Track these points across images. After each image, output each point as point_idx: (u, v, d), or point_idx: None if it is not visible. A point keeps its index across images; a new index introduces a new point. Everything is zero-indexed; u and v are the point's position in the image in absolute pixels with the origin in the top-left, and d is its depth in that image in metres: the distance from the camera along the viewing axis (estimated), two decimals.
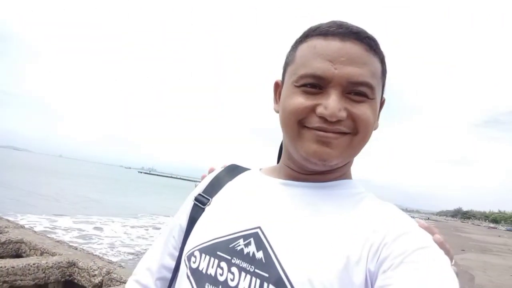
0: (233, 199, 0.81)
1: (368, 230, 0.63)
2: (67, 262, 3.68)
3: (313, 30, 0.71)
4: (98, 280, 3.55)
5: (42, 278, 3.44)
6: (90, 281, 3.57)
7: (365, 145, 0.71)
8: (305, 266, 0.61)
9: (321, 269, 0.60)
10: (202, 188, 0.89)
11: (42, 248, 4.05)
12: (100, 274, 3.58)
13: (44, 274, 3.45)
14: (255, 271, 0.64)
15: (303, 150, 0.69)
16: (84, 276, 3.62)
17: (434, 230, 0.67)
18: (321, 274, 0.59)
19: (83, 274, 3.63)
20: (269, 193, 0.77)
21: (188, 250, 0.76)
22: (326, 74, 0.65)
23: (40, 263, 3.47)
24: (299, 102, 0.68)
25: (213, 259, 0.70)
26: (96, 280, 3.55)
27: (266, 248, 0.66)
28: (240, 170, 0.91)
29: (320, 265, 0.60)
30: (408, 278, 0.54)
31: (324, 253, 0.61)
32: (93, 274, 3.58)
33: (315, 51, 0.68)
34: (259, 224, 0.70)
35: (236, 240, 0.70)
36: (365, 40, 0.68)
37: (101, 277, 3.56)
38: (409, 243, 0.58)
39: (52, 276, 3.53)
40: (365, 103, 0.67)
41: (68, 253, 4.01)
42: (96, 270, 3.60)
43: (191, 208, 0.86)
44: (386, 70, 0.74)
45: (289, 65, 0.75)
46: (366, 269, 0.59)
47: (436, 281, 0.53)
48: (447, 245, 0.66)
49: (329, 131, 0.66)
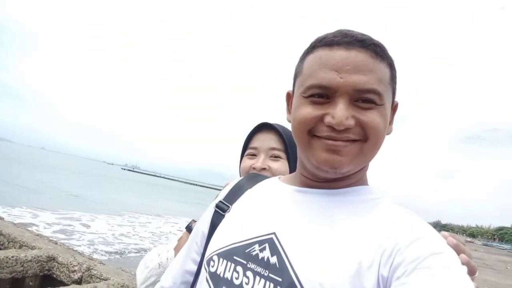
0: (251, 206, 0.84)
1: (381, 235, 0.63)
2: (46, 257, 3.61)
3: (319, 41, 0.73)
4: (77, 276, 3.50)
5: (20, 272, 3.37)
6: (69, 276, 3.52)
7: (377, 151, 0.72)
8: (317, 271, 0.62)
9: (333, 274, 0.61)
10: (223, 196, 0.93)
11: (21, 241, 3.97)
12: (80, 270, 3.53)
13: (22, 268, 3.39)
14: (269, 275, 0.67)
15: (314, 159, 0.71)
16: (64, 272, 3.56)
17: (461, 248, 0.65)
18: (333, 279, 0.60)
19: (63, 269, 3.57)
20: (284, 200, 0.79)
21: (208, 254, 0.80)
22: (332, 84, 0.67)
23: (18, 256, 3.40)
24: (307, 112, 0.70)
25: (229, 263, 0.73)
26: (75, 276, 3.49)
27: (280, 253, 0.68)
28: (260, 178, 0.95)
29: (332, 270, 0.61)
30: (422, 285, 0.53)
31: (336, 259, 0.62)
32: (73, 270, 3.53)
33: (321, 61, 0.69)
34: (274, 230, 0.72)
35: (251, 246, 0.73)
36: (371, 47, 0.68)
37: (81, 273, 3.51)
38: (423, 249, 0.58)
39: (31, 270, 3.46)
40: (374, 109, 0.68)
41: (48, 247, 3.94)
42: (76, 265, 3.55)
43: (212, 214, 0.90)
44: (396, 74, 0.74)
45: (298, 76, 0.77)
46: (378, 274, 0.59)
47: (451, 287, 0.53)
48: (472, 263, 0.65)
49: (338, 140, 0.67)
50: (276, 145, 1.26)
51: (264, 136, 1.28)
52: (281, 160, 1.25)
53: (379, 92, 0.67)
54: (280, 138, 1.26)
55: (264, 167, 1.22)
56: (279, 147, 1.25)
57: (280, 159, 1.25)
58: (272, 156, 1.25)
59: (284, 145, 1.25)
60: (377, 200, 0.73)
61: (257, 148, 1.27)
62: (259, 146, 1.27)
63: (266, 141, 1.27)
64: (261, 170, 1.22)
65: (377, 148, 0.71)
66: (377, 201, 0.73)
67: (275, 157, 1.25)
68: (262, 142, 1.27)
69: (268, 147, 1.26)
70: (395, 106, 0.77)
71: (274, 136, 1.27)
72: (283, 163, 1.25)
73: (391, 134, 0.77)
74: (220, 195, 0.95)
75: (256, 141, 1.29)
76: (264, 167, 1.22)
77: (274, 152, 1.25)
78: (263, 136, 1.28)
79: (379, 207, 0.71)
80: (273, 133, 1.28)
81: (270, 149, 1.26)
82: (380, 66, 0.69)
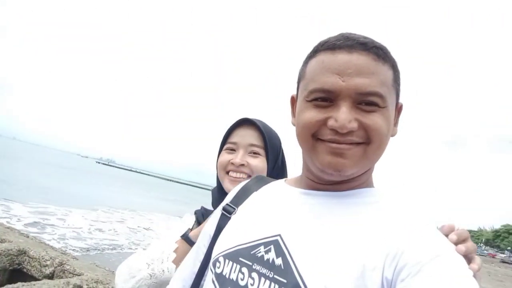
0: (257, 208, 0.85)
1: (386, 238, 0.63)
2: (17, 250, 3.48)
3: (321, 45, 0.74)
4: (49, 270, 3.39)
5: None
6: (41, 271, 3.40)
7: (381, 153, 0.73)
8: (321, 273, 0.62)
9: (337, 276, 0.61)
10: (230, 199, 0.95)
11: None
12: (52, 264, 3.42)
13: None
14: (274, 277, 0.67)
15: (318, 162, 0.71)
16: (35, 266, 3.44)
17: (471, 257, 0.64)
18: (337, 281, 0.60)
19: (34, 264, 3.45)
20: (290, 202, 0.80)
21: (214, 256, 0.81)
22: (335, 87, 0.67)
23: None
24: (311, 116, 0.70)
25: (235, 264, 0.74)
26: (47, 270, 3.38)
27: (285, 255, 0.68)
28: (266, 181, 0.96)
29: (336, 272, 0.61)
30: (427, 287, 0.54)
31: (340, 261, 0.63)
32: (44, 264, 3.42)
33: (323, 65, 0.70)
34: (279, 232, 0.73)
35: (257, 247, 0.74)
36: (372, 49, 0.69)
37: (53, 268, 3.41)
38: (428, 251, 0.59)
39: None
40: (377, 112, 0.68)
41: (19, 240, 3.80)
42: (48, 260, 3.43)
43: (219, 217, 0.91)
44: (399, 76, 0.75)
45: (301, 80, 0.77)
46: (382, 277, 0.60)
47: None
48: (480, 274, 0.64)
49: (341, 143, 0.68)
50: (256, 142, 1.24)
51: (244, 132, 1.26)
52: (260, 157, 1.24)
53: (381, 94, 0.68)
54: (260, 134, 1.25)
55: (243, 163, 1.21)
56: (258, 144, 1.24)
57: (259, 156, 1.24)
58: (251, 152, 1.24)
59: (264, 142, 1.25)
60: (381, 202, 0.73)
61: (236, 143, 1.25)
62: (239, 142, 1.25)
63: (246, 136, 1.25)
64: (239, 166, 1.21)
65: (381, 150, 0.72)
66: (382, 203, 0.73)
67: (254, 154, 1.24)
68: (242, 138, 1.25)
69: (247, 143, 1.24)
70: (399, 108, 0.78)
71: (254, 133, 1.26)
72: (261, 160, 1.24)
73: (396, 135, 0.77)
74: (227, 198, 0.97)
75: (235, 136, 1.27)
76: (243, 163, 1.21)
77: (253, 149, 1.24)
78: (243, 131, 1.27)
79: (383, 209, 0.71)
80: (253, 129, 1.26)
81: (249, 145, 1.24)
82: (383, 69, 0.69)
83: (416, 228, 0.64)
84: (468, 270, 0.58)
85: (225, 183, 1.24)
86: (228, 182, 1.23)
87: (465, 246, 0.63)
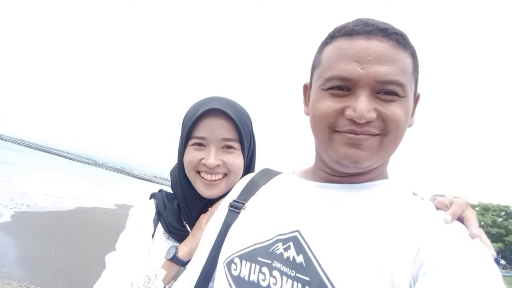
0: (269, 203, 0.79)
1: (408, 232, 0.62)
2: None
3: (338, 31, 0.70)
4: None
5: None
6: None
7: (398, 145, 0.70)
8: (347, 269, 0.60)
9: (364, 272, 0.59)
10: (236, 194, 0.88)
11: None
12: None
13: None
14: (296, 275, 0.63)
15: (334, 153, 0.69)
16: None
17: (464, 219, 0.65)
18: (364, 277, 0.58)
19: None
20: (306, 196, 0.76)
21: (227, 256, 0.75)
22: (353, 75, 0.64)
23: None
24: (328, 106, 0.67)
25: (254, 265, 0.69)
26: None
27: (306, 252, 0.65)
28: (273, 173, 0.90)
29: (363, 268, 0.59)
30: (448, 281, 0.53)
31: (365, 256, 0.60)
32: None
33: (340, 52, 0.66)
34: (298, 228, 0.69)
35: (275, 244, 0.69)
36: (393, 36, 0.66)
37: None
38: (449, 245, 0.58)
39: None
40: (396, 102, 0.65)
41: None
42: None
43: (226, 214, 0.84)
44: (418, 64, 0.72)
45: (316, 68, 0.74)
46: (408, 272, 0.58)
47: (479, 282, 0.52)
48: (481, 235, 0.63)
49: (359, 133, 0.65)
50: (229, 135, 1.04)
51: (213, 123, 1.03)
52: (235, 152, 1.06)
53: (402, 83, 0.65)
54: (233, 125, 1.04)
55: (218, 163, 1.03)
56: (232, 137, 1.05)
57: (234, 151, 1.06)
58: (224, 147, 1.05)
59: (238, 134, 1.05)
60: (399, 195, 0.71)
61: (206, 138, 1.04)
62: (208, 136, 1.04)
63: (216, 129, 1.03)
64: (214, 167, 1.04)
65: (398, 142, 0.69)
66: (400, 195, 0.71)
67: (228, 148, 1.05)
68: (211, 132, 1.03)
69: (219, 138, 1.04)
70: (417, 98, 0.75)
71: (226, 123, 1.04)
72: (237, 155, 1.07)
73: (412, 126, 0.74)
74: (233, 193, 0.90)
75: (203, 128, 1.04)
76: (218, 163, 1.03)
77: (226, 143, 1.05)
78: (212, 122, 1.03)
79: (402, 201, 0.69)
80: (224, 119, 1.04)
81: (222, 139, 1.04)
82: (403, 56, 0.66)
83: (437, 222, 0.63)
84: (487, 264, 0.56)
85: (199, 187, 1.07)
86: (203, 186, 1.06)
87: (451, 212, 0.64)
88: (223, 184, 1.07)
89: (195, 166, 1.06)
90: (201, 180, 1.06)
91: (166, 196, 1.18)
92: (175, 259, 1.00)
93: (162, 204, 1.15)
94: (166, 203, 1.15)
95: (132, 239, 1.08)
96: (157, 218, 1.13)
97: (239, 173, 1.08)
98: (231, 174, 1.07)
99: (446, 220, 0.63)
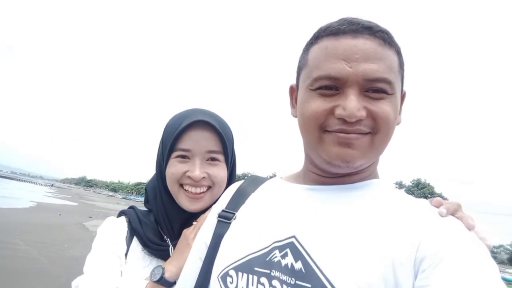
0: (261, 211, 0.77)
1: (406, 229, 0.61)
2: None
3: (323, 30, 0.69)
4: None
5: None
6: None
7: (388, 143, 0.70)
8: (349, 272, 0.58)
9: (367, 274, 0.57)
10: (224, 204, 0.85)
11: None
12: None
13: None
14: (296, 283, 0.61)
15: (325, 154, 0.67)
16: None
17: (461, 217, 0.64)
18: (367, 277, 0.57)
19: None
20: (298, 200, 0.74)
21: (222, 269, 0.72)
22: (341, 74, 0.64)
23: None
24: (317, 106, 0.66)
25: (251, 276, 0.67)
26: None
27: (304, 258, 0.63)
28: (261, 180, 0.88)
29: (365, 270, 0.58)
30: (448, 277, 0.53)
31: (367, 258, 0.59)
32: None
33: (327, 51, 0.66)
34: (293, 233, 0.67)
35: (271, 252, 0.67)
36: (378, 34, 0.66)
37: None
38: (447, 240, 0.58)
39: None
40: (385, 99, 0.65)
41: None
42: None
43: (216, 225, 0.81)
44: (404, 62, 0.72)
45: (302, 68, 0.73)
46: (410, 270, 0.57)
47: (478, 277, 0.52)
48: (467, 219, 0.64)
49: (350, 132, 0.65)
50: (214, 147, 1.04)
51: (198, 135, 1.03)
52: (220, 164, 1.06)
53: (390, 80, 0.65)
54: (218, 137, 1.04)
55: (203, 175, 1.03)
56: (217, 149, 1.05)
57: (218, 163, 1.06)
58: (208, 159, 1.05)
59: (222, 145, 1.05)
60: (393, 193, 0.71)
61: (190, 151, 1.03)
62: (193, 149, 1.03)
63: (201, 142, 1.03)
64: (200, 180, 1.02)
65: (388, 140, 0.69)
66: (393, 194, 0.71)
67: (212, 160, 1.05)
68: (196, 144, 1.03)
69: (204, 150, 1.03)
70: (403, 95, 0.75)
71: (211, 135, 1.04)
72: (222, 168, 1.07)
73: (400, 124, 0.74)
74: (221, 203, 0.87)
75: (188, 140, 1.03)
76: (204, 176, 1.03)
77: (211, 155, 1.05)
78: (196, 135, 1.03)
79: (397, 200, 0.69)
80: (209, 131, 1.04)
81: (207, 152, 1.04)
82: (389, 54, 0.67)
83: (434, 218, 0.63)
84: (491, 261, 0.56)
85: (182, 201, 1.05)
86: (187, 200, 1.04)
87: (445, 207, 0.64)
88: (207, 197, 1.06)
89: (179, 179, 1.04)
90: (184, 193, 1.05)
91: (140, 212, 1.14)
92: (162, 280, 0.94)
93: (137, 220, 1.10)
94: (142, 218, 1.11)
95: (102, 260, 1.02)
96: (130, 236, 1.09)
97: (223, 185, 1.07)
98: (215, 186, 1.06)
99: (441, 213, 0.63)
